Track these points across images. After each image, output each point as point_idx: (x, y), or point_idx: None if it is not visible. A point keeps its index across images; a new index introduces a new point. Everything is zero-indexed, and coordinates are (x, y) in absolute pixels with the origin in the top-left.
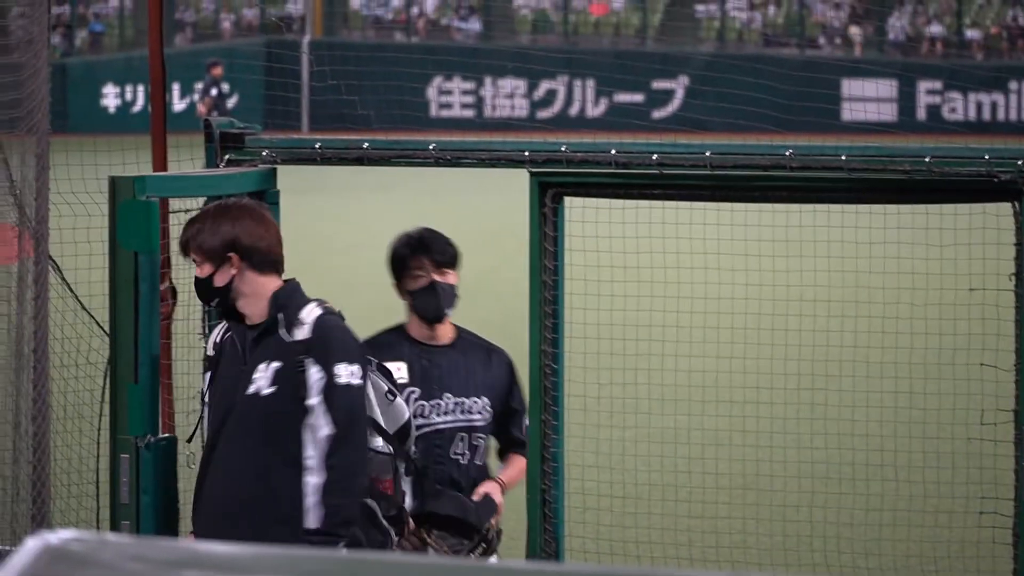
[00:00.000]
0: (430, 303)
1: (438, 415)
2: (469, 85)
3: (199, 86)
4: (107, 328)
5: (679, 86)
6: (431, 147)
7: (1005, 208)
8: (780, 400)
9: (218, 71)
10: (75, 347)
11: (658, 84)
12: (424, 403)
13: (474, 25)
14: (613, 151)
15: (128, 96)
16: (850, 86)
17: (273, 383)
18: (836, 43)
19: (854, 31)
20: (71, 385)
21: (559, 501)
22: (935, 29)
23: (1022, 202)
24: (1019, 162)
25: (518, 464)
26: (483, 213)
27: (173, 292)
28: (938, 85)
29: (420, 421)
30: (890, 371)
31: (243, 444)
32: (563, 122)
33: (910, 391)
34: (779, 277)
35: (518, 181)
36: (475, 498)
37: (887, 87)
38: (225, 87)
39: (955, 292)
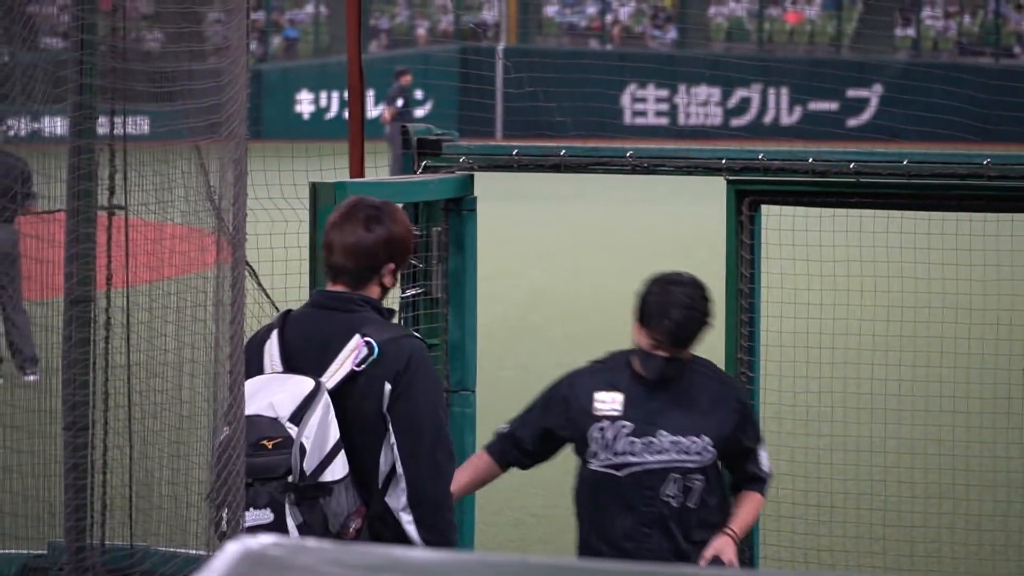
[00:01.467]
0: (653, 369)
1: (650, 454)
2: (663, 93)
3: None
4: None
5: (874, 95)
6: (628, 154)
7: None
8: (976, 410)
9: (407, 79)
10: None
11: (853, 92)
12: (636, 440)
13: (669, 33)
14: (811, 159)
15: (323, 102)
16: None
17: None
18: None
19: None
20: None
21: None
22: None
23: None
24: None
25: (752, 504)
26: (676, 221)
27: None
28: None
29: (631, 459)
30: None
31: None
32: (757, 130)
33: None
34: (975, 287)
35: (711, 189)
36: (702, 563)
37: None
38: (418, 94)
39: None
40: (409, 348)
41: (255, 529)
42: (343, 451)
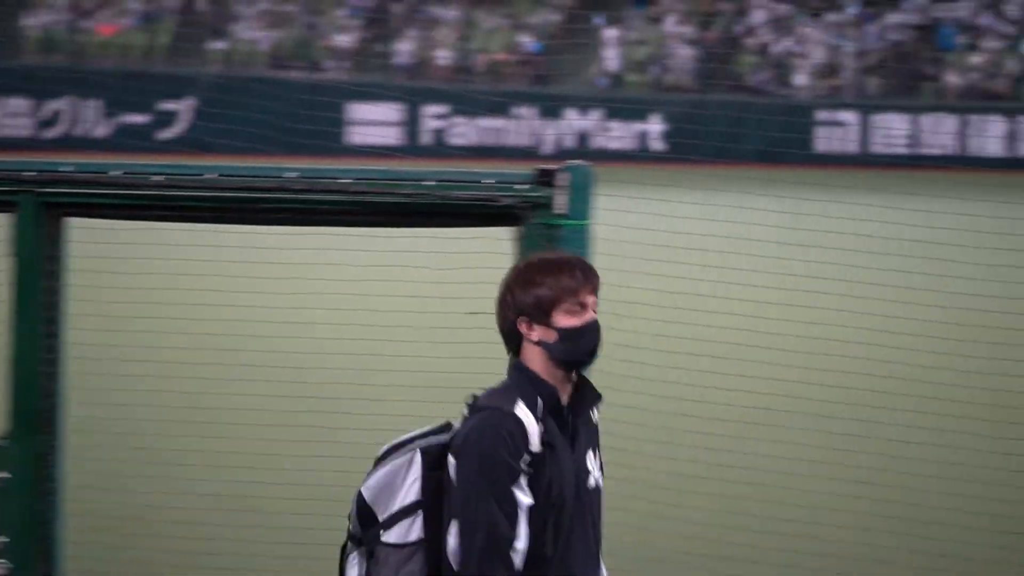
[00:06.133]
0: None
1: None
2: None
3: None
4: None
5: (186, 107)
6: None
7: (513, 232)
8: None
9: None
10: None
11: (165, 105)
12: None
13: None
14: (119, 172)
15: None
16: (356, 110)
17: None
18: (344, 66)
19: (359, 54)
20: None
21: None
22: (442, 54)
23: (522, 227)
24: (517, 186)
25: None
26: None
27: None
28: (444, 110)
29: None
30: None
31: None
32: (69, 143)
33: None
34: (287, 299)
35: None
36: None
37: (393, 111)
38: None
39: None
40: (473, 421)
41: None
42: (419, 517)
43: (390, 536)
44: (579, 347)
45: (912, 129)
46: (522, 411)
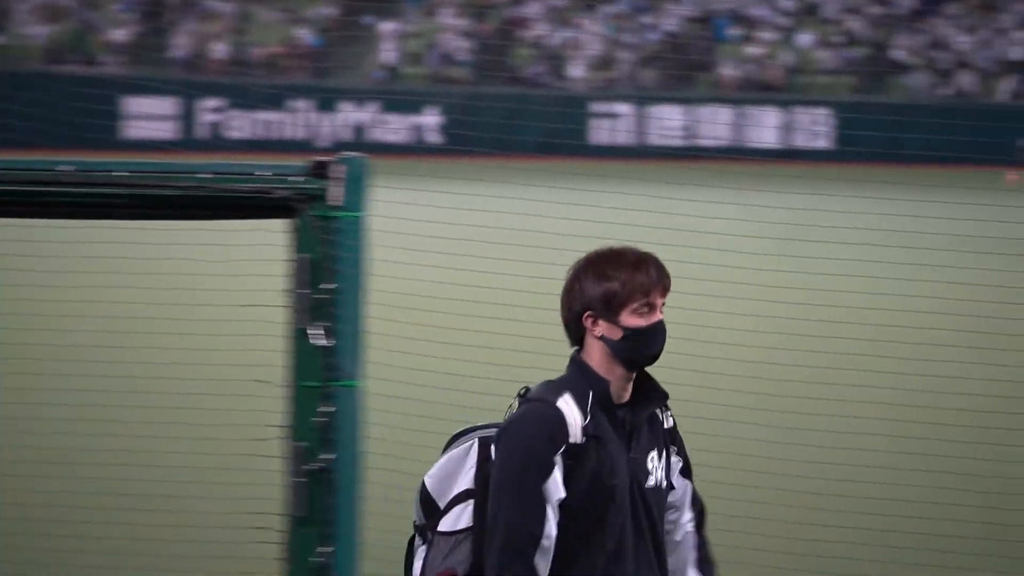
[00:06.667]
0: None
1: None
2: None
3: None
4: None
5: None
6: None
7: (289, 224)
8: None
9: None
10: None
11: None
12: None
13: None
14: None
15: None
16: (133, 104)
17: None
18: (120, 60)
19: (135, 48)
20: None
21: None
22: (218, 47)
23: (297, 219)
24: (292, 179)
25: None
26: None
27: None
28: (220, 103)
29: None
30: None
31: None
32: None
33: None
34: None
35: None
36: None
37: (169, 105)
38: None
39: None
40: (516, 413)
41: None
42: (469, 505)
43: (443, 524)
44: (643, 348)
45: (688, 121)
46: (566, 403)
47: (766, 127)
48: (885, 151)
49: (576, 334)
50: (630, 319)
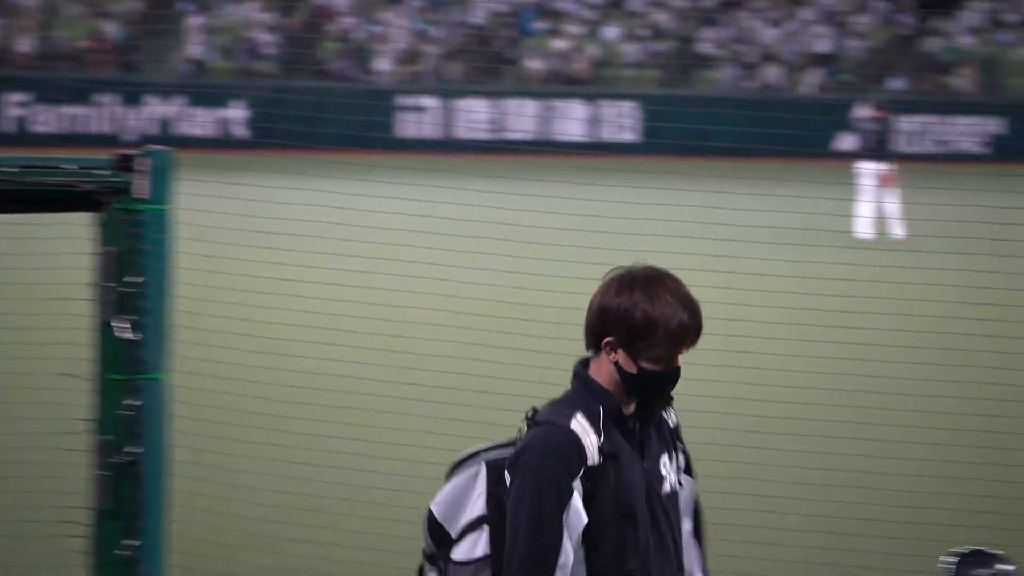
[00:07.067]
0: None
1: None
2: None
3: None
4: None
5: None
6: None
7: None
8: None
9: None
10: None
11: None
12: None
13: None
14: None
15: None
16: None
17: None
18: None
19: None
20: None
21: None
22: (23, 41)
23: (103, 212)
24: (97, 172)
25: None
26: None
27: None
28: (26, 97)
29: None
30: None
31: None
32: None
33: None
34: None
35: None
36: None
37: None
38: None
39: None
40: (529, 438)
41: None
42: (484, 532)
43: (457, 553)
44: (654, 390)
45: (494, 114)
46: (579, 424)
47: (572, 120)
48: (692, 144)
49: (594, 344)
50: (649, 363)
